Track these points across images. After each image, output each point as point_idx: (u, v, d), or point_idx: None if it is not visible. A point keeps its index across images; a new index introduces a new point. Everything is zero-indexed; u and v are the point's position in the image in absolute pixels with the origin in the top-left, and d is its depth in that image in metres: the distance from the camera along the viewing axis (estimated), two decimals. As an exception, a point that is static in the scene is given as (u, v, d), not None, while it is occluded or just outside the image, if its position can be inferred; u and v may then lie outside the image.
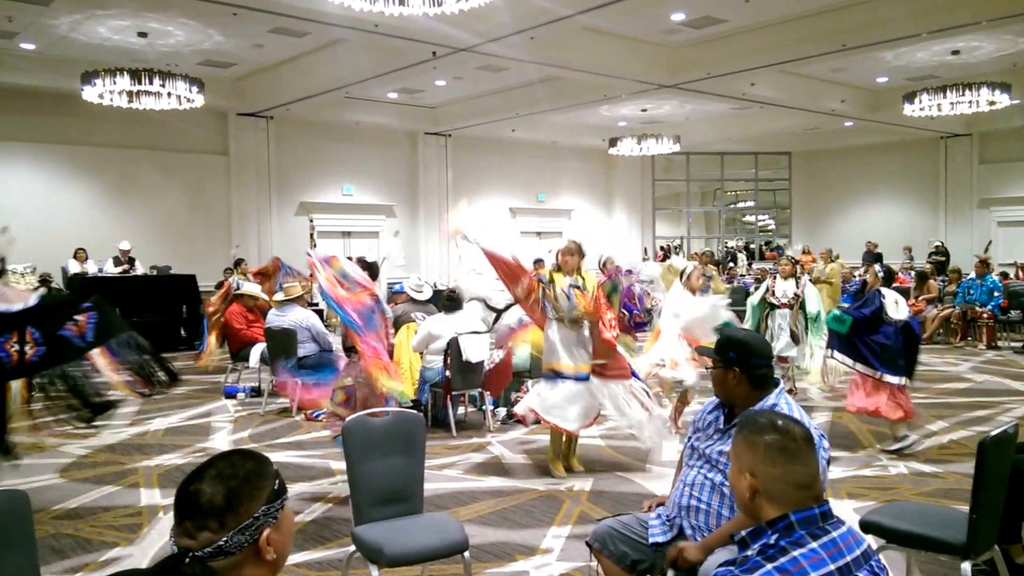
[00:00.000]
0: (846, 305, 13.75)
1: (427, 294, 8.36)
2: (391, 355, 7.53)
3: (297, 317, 8.11)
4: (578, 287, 5.54)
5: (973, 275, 12.88)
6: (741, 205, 26.23)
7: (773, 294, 8.11)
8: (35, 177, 13.94)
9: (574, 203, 22.33)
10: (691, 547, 2.67)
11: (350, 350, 5.25)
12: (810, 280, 8.63)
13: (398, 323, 7.68)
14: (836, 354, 6.27)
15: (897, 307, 6.18)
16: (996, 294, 12.34)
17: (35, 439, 6.02)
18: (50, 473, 5.93)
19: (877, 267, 6.84)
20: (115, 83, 10.72)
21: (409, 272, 15.08)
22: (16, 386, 4.68)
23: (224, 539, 1.43)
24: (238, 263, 13.20)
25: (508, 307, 6.78)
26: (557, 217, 21.98)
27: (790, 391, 7.47)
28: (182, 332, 13.46)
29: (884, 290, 6.28)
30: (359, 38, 11.00)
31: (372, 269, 5.71)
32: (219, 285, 13.97)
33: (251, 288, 9.69)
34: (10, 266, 12.43)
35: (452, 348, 6.89)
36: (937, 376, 9.67)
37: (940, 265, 16.70)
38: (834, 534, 1.71)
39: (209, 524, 1.44)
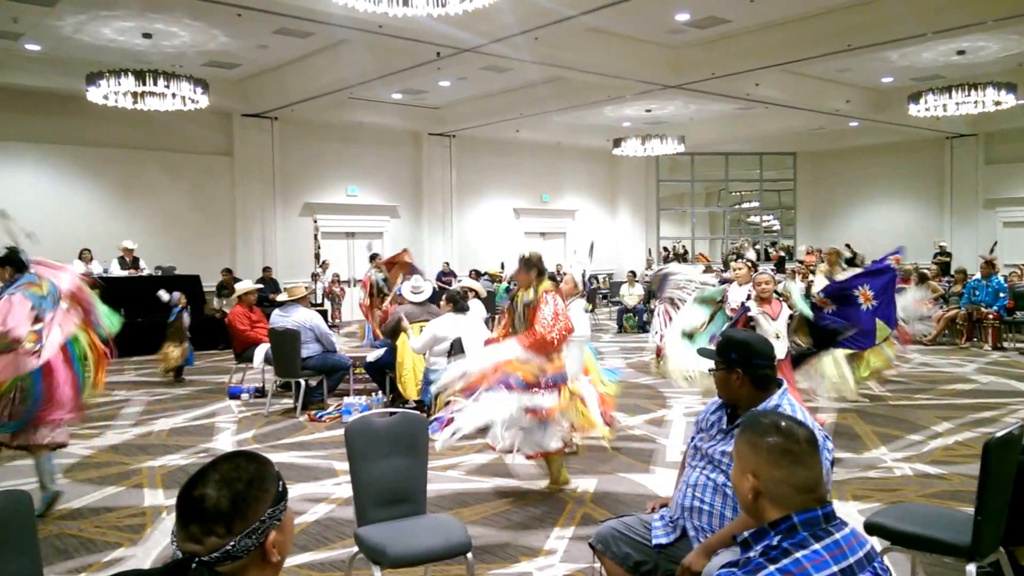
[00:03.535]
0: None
1: (426, 294, 8.31)
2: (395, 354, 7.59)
3: (301, 317, 8.12)
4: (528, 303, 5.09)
5: (978, 276, 12.84)
6: (746, 206, 26.18)
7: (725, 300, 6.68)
8: (40, 177, 13.97)
9: (578, 204, 22.33)
10: (694, 559, 2.62)
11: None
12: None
13: (400, 325, 7.67)
14: None
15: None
16: (1002, 295, 12.30)
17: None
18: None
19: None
20: (120, 84, 10.74)
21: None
22: None
23: (232, 543, 1.42)
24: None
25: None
26: (561, 218, 21.99)
27: None
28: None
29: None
30: (363, 39, 11.01)
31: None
32: (236, 283, 14.04)
33: (245, 285, 9.73)
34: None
35: (456, 349, 6.88)
36: (942, 377, 9.64)
37: (944, 266, 16.66)
38: (837, 536, 1.71)
39: (216, 529, 1.42)
